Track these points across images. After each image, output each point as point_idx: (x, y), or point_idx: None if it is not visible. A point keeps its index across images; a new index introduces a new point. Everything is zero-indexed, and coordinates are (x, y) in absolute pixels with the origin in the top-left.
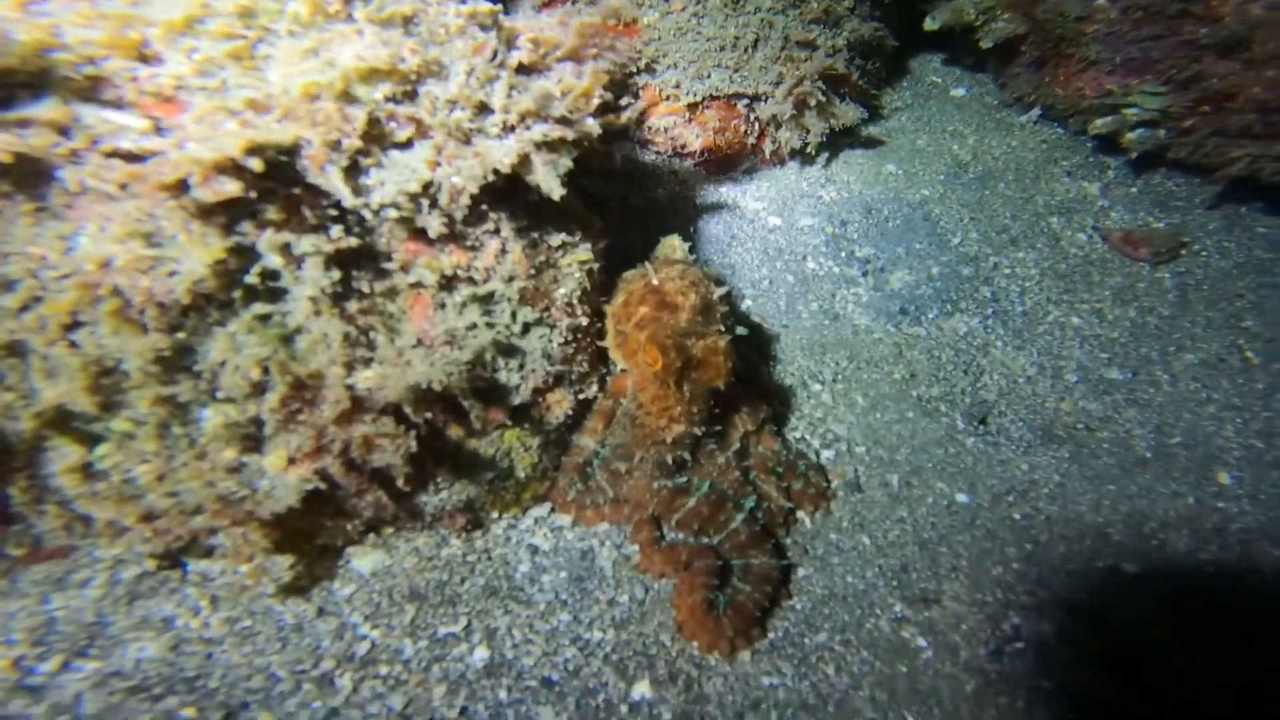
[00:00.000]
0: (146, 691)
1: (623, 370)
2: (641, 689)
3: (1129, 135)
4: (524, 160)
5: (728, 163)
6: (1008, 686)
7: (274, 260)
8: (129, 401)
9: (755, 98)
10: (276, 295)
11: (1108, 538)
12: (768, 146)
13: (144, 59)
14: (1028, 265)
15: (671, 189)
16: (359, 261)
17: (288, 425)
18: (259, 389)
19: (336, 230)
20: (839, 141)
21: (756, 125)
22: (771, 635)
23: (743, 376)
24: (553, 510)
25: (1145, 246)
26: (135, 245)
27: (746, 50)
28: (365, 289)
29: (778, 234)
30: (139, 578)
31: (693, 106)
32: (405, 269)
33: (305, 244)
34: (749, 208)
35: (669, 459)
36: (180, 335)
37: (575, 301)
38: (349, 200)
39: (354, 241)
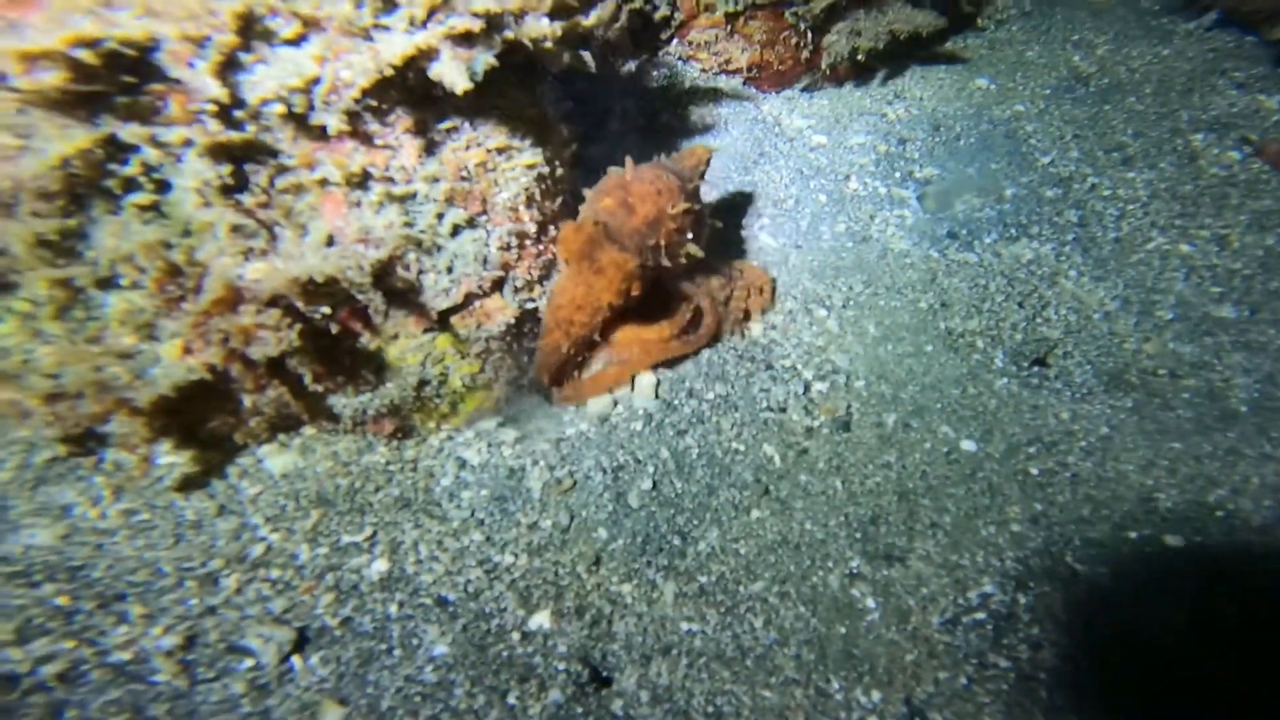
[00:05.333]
0: (26, 578)
1: None
2: (541, 619)
3: None
4: (425, 53)
5: (781, 79)
6: (951, 661)
7: (149, 153)
8: (25, 282)
9: (807, 4)
10: (163, 186)
11: (1153, 504)
12: (825, 60)
13: None
14: (1136, 187)
15: (706, 107)
16: (254, 156)
17: (169, 312)
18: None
19: (214, 124)
20: (914, 54)
21: (810, 37)
22: (703, 579)
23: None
24: (500, 425)
25: None
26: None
27: None
28: (263, 183)
29: (820, 152)
30: (50, 462)
31: (733, 16)
32: (310, 166)
33: (173, 136)
34: (791, 124)
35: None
36: (69, 222)
37: (520, 206)
38: (217, 95)
39: (236, 135)
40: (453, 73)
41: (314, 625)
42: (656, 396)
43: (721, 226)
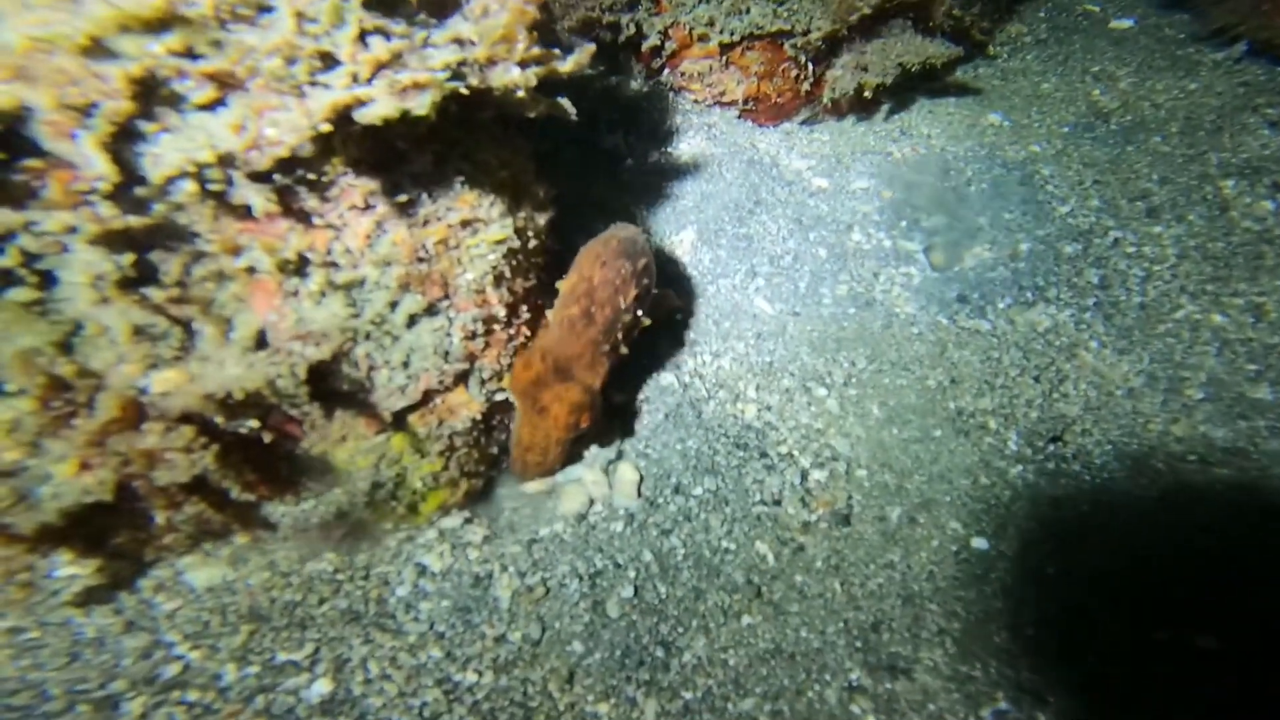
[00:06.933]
0: None
1: None
2: None
3: None
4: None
5: (779, 112)
6: None
7: (26, 242)
8: None
9: (806, 35)
10: (50, 280)
11: (1184, 604)
12: (827, 94)
13: None
14: (1163, 243)
15: (699, 144)
16: (162, 242)
17: (55, 430)
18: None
19: (106, 207)
20: (921, 85)
21: (811, 69)
22: (688, 696)
23: None
24: (467, 522)
25: None
26: None
27: None
28: (175, 274)
29: (820, 199)
30: None
31: (727, 47)
32: (233, 252)
33: (54, 222)
34: (790, 166)
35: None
36: None
37: (487, 288)
38: (104, 171)
39: (135, 220)
40: (383, 107)
41: None
42: (639, 495)
43: (714, 291)
